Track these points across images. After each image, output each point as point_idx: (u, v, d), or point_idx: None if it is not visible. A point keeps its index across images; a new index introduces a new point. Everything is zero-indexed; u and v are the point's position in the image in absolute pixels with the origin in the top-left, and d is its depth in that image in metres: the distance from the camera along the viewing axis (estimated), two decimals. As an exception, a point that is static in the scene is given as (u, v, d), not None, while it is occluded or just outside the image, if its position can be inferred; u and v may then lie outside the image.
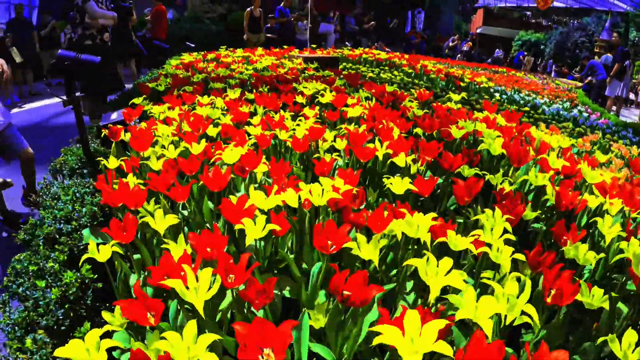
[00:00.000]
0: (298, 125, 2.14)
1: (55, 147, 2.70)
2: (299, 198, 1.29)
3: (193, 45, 7.38)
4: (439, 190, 1.83)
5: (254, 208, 1.25)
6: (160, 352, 0.80)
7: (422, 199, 1.71)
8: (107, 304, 1.39)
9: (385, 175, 1.60)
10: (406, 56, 6.90)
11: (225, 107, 2.66)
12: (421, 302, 1.22)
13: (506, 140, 1.89)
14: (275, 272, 1.36)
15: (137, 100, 2.76)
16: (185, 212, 1.62)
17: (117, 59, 6.24)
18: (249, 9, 8.33)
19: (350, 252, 1.16)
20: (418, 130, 2.24)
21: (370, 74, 5.52)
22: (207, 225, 1.56)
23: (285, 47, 6.60)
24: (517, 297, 1.01)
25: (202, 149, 1.81)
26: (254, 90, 3.01)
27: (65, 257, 1.42)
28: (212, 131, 2.21)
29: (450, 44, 14.44)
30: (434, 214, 1.27)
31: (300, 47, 7.04)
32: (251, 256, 1.18)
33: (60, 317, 1.21)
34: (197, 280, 0.97)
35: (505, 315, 0.98)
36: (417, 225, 1.21)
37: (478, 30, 23.39)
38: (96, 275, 1.36)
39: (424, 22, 18.94)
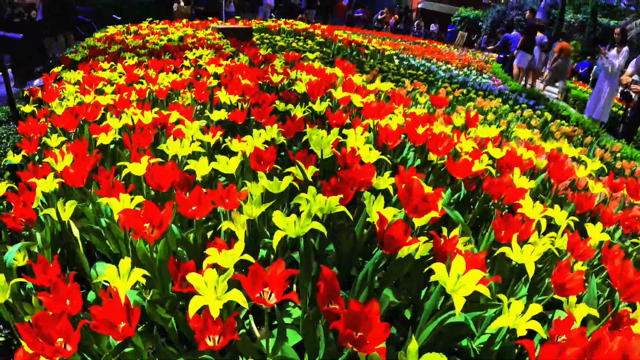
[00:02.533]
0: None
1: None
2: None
3: (119, 18, 7.83)
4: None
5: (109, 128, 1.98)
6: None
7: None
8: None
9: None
10: (323, 27, 7.61)
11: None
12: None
13: (310, 81, 2.63)
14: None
15: (55, 70, 3.38)
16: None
17: (58, 31, 6.75)
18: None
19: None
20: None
21: (282, 43, 6.24)
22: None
23: (210, 18, 7.17)
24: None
25: (92, 98, 2.50)
26: (153, 57, 3.67)
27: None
28: (108, 89, 2.88)
29: (379, 17, 15.27)
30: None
31: (227, 19, 7.62)
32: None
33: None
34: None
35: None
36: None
37: (419, 6, 24.23)
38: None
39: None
